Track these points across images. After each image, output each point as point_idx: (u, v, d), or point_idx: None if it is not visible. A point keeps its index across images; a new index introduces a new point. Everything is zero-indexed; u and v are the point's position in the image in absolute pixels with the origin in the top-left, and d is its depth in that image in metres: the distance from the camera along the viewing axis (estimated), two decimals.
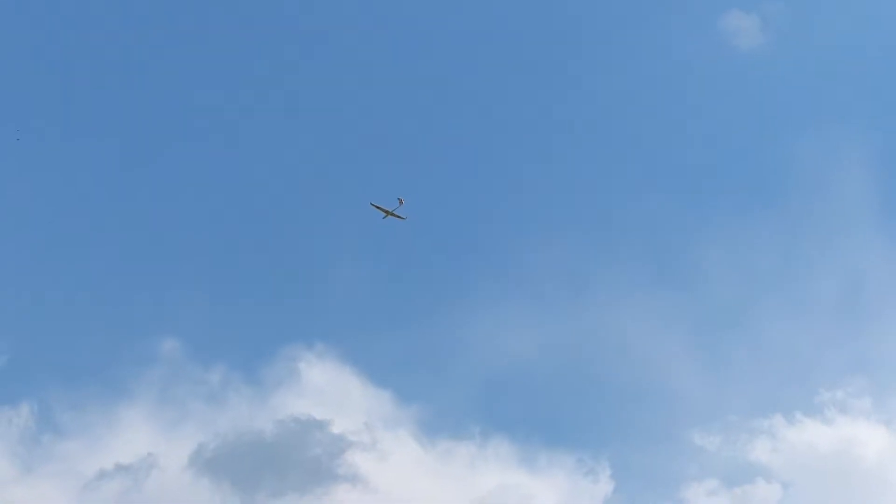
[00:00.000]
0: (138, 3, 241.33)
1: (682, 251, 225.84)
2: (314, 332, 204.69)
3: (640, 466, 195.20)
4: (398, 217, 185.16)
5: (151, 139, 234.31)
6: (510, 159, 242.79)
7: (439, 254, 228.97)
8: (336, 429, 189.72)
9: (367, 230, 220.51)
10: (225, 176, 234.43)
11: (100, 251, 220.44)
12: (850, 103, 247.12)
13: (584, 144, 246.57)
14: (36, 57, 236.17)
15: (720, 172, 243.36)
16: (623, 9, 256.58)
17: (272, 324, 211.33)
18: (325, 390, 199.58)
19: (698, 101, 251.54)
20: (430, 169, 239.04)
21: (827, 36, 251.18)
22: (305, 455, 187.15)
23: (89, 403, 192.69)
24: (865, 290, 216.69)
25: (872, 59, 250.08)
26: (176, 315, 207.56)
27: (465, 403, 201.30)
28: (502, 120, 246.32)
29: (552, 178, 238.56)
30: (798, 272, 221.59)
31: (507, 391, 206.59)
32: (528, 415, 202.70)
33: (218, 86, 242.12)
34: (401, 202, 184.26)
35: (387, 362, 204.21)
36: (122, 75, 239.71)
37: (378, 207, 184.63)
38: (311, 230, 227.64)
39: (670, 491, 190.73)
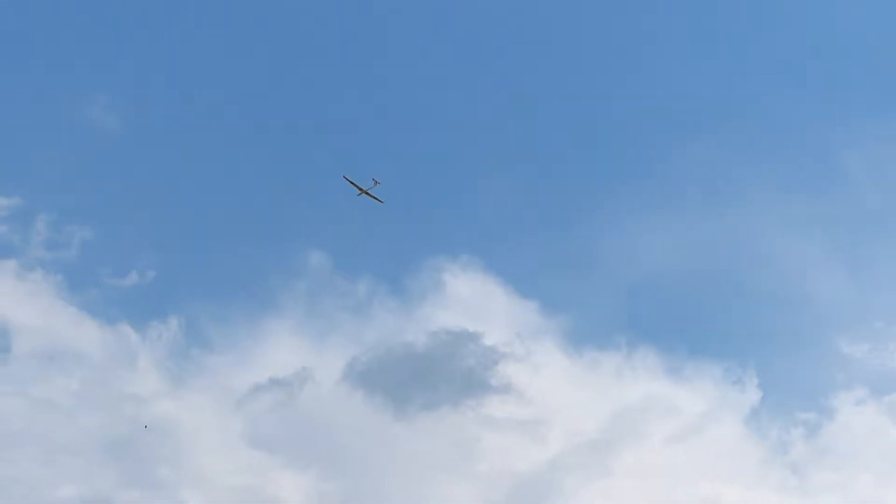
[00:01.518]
0: None
1: (823, 152, 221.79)
2: (458, 244, 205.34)
3: (786, 375, 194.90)
4: (375, 199, 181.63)
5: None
6: (646, 59, 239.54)
7: (579, 161, 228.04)
8: (488, 340, 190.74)
9: (507, 139, 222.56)
10: (366, 91, 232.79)
11: (246, 164, 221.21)
12: None
13: (722, 41, 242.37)
14: None
15: (863, 70, 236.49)
16: None
17: (416, 235, 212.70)
18: (470, 302, 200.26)
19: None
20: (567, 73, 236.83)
21: None
22: (458, 367, 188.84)
23: (236, 317, 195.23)
24: None
25: None
26: (322, 227, 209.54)
27: (611, 313, 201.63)
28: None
29: (690, 78, 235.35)
30: None
31: (651, 300, 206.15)
32: (673, 324, 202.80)
33: None
34: (375, 183, 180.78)
35: (531, 272, 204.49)
36: None
37: (351, 182, 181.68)
38: (453, 140, 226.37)
39: (818, 400, 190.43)
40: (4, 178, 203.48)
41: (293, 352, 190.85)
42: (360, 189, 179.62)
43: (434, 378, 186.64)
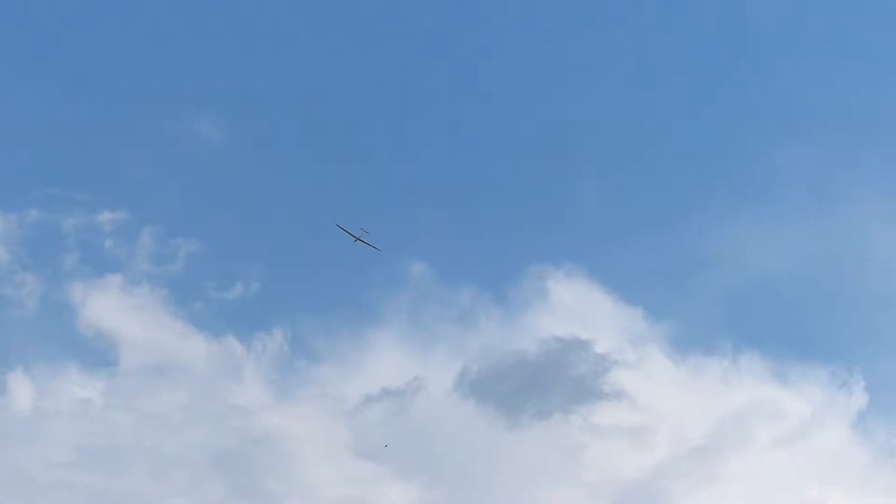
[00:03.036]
0: None
1: None
2: (561, 251, 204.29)
3: (894, 378, 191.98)
4: (371, 246, 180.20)
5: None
6: (750, 58, 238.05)
7: (681, 163, 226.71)
8: (599, 348, 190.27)
9: (608, 143, 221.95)
10: (467, 94, 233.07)
11: (344, 177, 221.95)
12: None
13: (827, 39, 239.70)
14: None
15: None
16: None
17: (518, 243, 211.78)
18: (574, 309, 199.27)
19: None
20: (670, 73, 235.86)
21: None
22: (569, 375, 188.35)
23: (340, 328, 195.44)
24: None
25: None
26: (423, 237, 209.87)
27: (714, 318, 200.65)
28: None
29: (794, 77, 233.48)
30: None
31: (755, 304, 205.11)
32: (778, 328, 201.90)
33: None
34: (364, 232, 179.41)
35: (635, 278, 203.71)
36: None
37: (344, 230, 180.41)
38: (552, 145, 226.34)
39: None
40: (110, 192, 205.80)
41: (399, 362, 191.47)
42: (354, 237, 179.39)
43: (545, 386, 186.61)
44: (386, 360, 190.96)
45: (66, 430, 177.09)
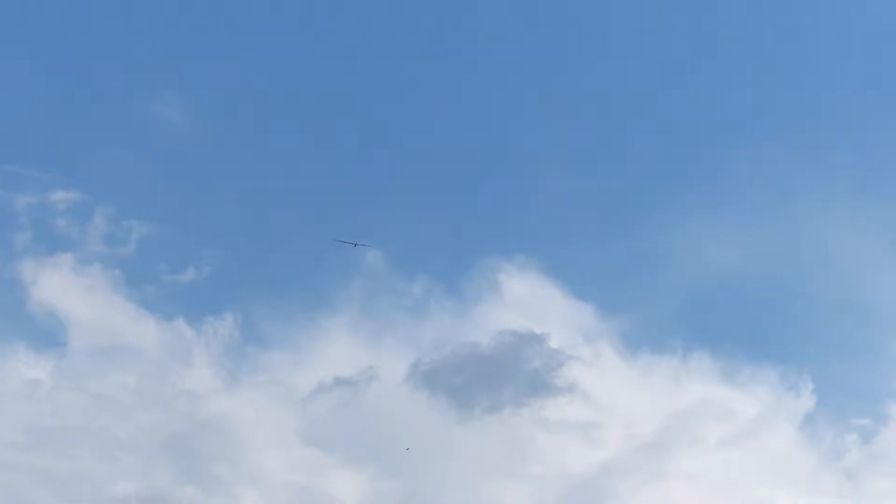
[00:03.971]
0: None
1: (887, 156, 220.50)
2: (514, 244, 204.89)
3: (843, 381, 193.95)
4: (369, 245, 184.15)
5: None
6: (710, 61, 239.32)
7: (638, 162, 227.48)
8: (554, 342, 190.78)
9: (565, 140, 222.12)
10: (427, 88, 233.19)
11: (304, 162, 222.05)
12: None
13: (789, 44, 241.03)
14: None
15: None
16: None
17: (472, 235, 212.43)
18: (526, 302, 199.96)
19: None
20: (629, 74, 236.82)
21: None
22: (523, 368, 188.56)
23: (291, 315, 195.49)
24: None
25: None
26: (378, 226, 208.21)
27: (667, 316, 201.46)
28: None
29: (756, 80, 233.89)
30: None
31: (708, 304, 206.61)
32: (730, 328, 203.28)
33: None
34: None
35: (588, 274, 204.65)
36: None
37: (344, 242, 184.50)
38: (511, 142, 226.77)
39: (874, 406, 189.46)
40: (65, 171, 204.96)
41: (351, 350, 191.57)
42: (354, 244, 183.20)
43: (499, 379, 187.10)
44: (338, 349, 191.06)
45: (15, 411, 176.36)
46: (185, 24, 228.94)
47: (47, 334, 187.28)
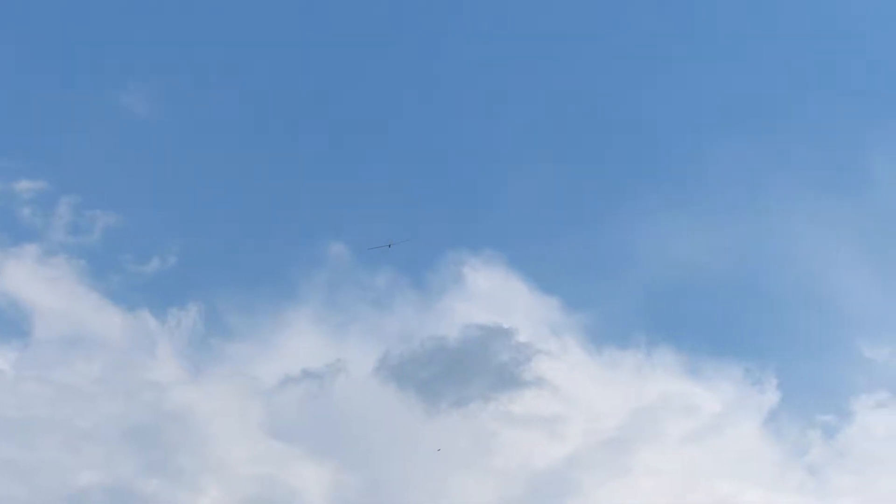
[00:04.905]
0: None
1: (853, 155, 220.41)
2: (479, 238, 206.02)
3: (807, 377, 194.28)
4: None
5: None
6: (676, 59, 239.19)
7: (604, 159, 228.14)
8: (522, 337, 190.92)
9: (532, 136, 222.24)
10: (396, 80, 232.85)
11: (270, 154, 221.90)
12: None
13: (754, 42, 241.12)
14: None
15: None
16: None
17: (436, 228, 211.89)
18: (490, 296, 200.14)
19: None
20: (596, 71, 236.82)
21: None
22: (491, 362, 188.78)
23: (256, 306, 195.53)
24: None
25: None
26: (343, 219, 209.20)
27: (631, 311, 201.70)
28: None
29: (720, 80, 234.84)
30: None
31: (672, 299, 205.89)
32: (694, 323, 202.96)
33: None
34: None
35: (553, 269, 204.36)
36: None
37: (377, 247, 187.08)
38: (478, 137, 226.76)
39: (838, 402, 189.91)
40: (30, 160, 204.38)
41: (316, 343, 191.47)
42: (388, 245, 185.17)
43: (466, 373, 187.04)
44: (302, 341, 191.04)
45: None
46: (152, 14, 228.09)
47: (11, 324, 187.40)
